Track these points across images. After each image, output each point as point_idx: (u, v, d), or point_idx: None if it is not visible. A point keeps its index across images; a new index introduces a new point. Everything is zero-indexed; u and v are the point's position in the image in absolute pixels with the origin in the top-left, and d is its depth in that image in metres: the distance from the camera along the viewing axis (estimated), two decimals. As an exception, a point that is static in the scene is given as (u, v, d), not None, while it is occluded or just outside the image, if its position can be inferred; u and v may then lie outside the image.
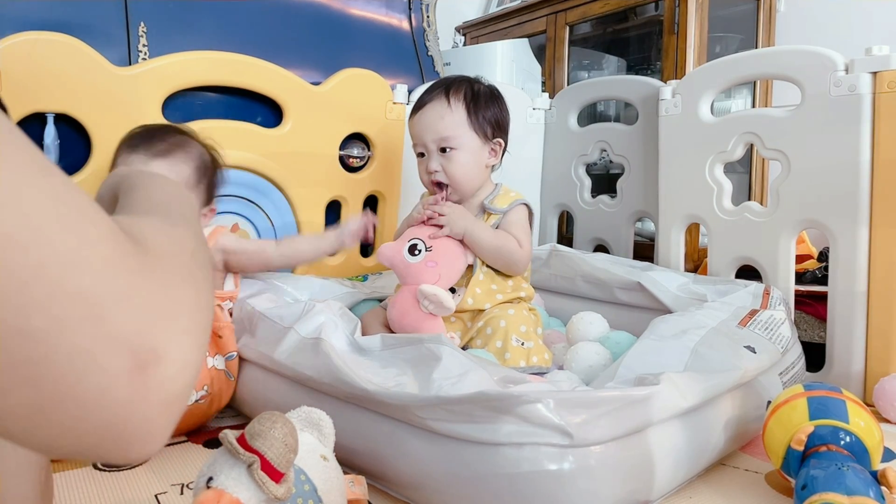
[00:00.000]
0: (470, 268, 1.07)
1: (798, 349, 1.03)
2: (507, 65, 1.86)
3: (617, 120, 1.99)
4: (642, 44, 2.01)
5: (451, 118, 1.06)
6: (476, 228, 1.04)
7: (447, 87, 1.09)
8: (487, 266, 1.07)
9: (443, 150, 1.07)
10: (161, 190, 0.44)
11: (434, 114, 1.08)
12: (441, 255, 1.03)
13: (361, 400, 0.76)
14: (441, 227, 1.05)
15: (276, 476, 0.53)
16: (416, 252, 1.03)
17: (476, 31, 2.26)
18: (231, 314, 1.01)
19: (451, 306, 1.00)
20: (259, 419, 0.55)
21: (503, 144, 1.11)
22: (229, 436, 0.54)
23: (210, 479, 0.53)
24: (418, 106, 1.11)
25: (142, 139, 0.98)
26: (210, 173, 1.05)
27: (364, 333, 1.01)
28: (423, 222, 1.07)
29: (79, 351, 0.24)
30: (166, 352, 0.26)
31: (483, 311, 1.05)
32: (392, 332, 1.03)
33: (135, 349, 0.25)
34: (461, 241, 1.05)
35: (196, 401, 0.89)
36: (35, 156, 0.25)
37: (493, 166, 1.13)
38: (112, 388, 0.25)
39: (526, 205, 1.11)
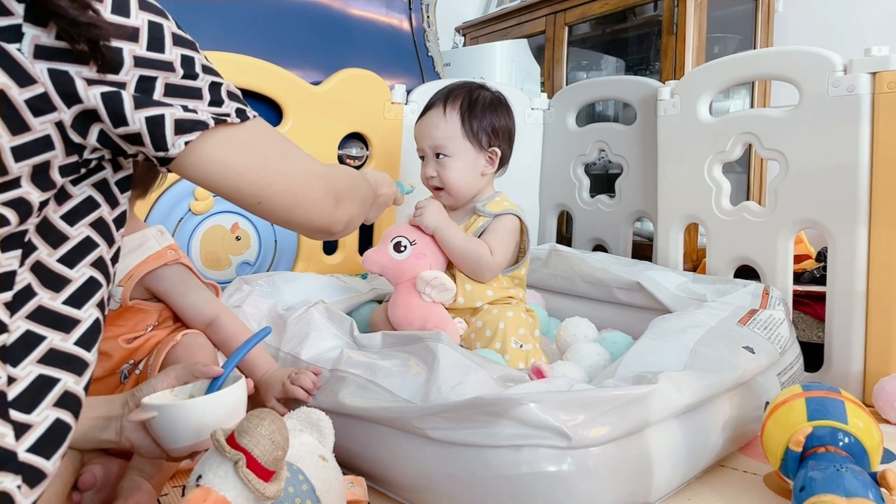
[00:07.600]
0: (451, 266, 1.08)
1: (796, 349, 1.04)
2: (506, 65, 1.86)
3: (616, 120, 1.99)
4: (641, 44, 2.01)
5: (446, 127, 1.08)
6: (447, 228, 1.05)
7: (447, 95, 1.11)
8: None
9: (438, 155, 1.09)
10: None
11: (430, 122, 1.10)
12: (426, 246, 1.05)
13: (358, 419, 0.76)
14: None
15: (265, 474, 0.52)
16: (402, 248, 1.04)
17: (476, 31, 2.26)
18: None
19: (453, 287, 1.02)
20: (248, 416, 0.55)
21: (499, 153, 1.11)
22: (218, 433, 0.54)
23: (199, 476, 0.53)
24: (422, 111, 1.14)
25: None
26: None
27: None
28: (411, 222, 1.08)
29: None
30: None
31: (479, 309, 1.06)
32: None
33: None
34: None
35: None
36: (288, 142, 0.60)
37: (491, 174, 1.13)
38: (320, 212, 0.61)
39: (518, 217, 1.10)
